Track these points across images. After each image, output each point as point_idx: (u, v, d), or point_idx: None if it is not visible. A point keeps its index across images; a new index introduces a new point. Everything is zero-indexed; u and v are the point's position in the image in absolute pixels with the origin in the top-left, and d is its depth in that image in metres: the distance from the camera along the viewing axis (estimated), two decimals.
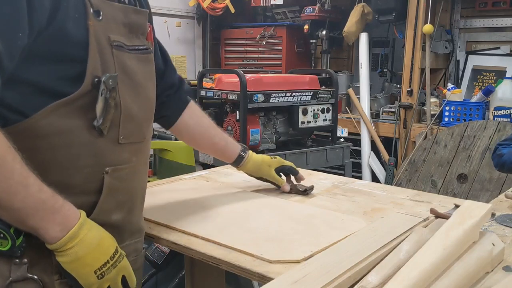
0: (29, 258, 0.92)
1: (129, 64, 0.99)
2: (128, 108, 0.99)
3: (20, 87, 0.86)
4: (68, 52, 0.90)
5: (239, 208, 1.42)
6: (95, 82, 0.92)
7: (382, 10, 4.04)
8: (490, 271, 0.99)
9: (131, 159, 1.04)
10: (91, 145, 0.94)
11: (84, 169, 0.95)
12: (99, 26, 0.92)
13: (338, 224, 1.27)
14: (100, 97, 0.92)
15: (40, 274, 0.93)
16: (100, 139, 0.95)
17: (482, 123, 3.39)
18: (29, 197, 0.84)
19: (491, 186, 3.27)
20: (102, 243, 0.92)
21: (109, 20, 0.95)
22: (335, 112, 3.23)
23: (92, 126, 0.93)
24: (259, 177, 1.56)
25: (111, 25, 0.96)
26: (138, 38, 1.05)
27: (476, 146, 3.38)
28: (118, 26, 0.98)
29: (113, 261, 0.93)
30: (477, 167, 3.35)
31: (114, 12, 0.96)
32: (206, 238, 1.18)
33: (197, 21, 5.17)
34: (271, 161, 1.56)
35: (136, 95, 1.02)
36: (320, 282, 0.89)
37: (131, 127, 1.02)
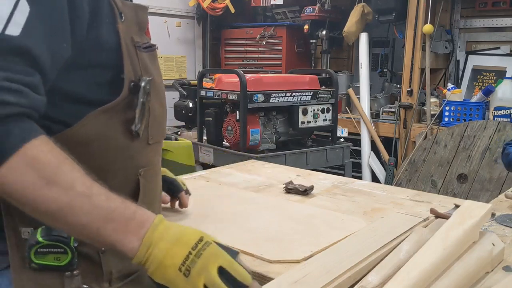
0: (80, 269, 0.87)
1: (148, 63, 0.98)
2: (154, 109, 0.98)
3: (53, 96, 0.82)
4: (101, 59, 0.87)
5: (239, 208, 1.42)
6: (131, 86, 0.89)
7: (382, 10, 4.04)
8: (490, 271, 0.99)
9: (155, 159, 1.02)
10: (126, 148, 0.92)
11: (120, 173, 0.92)
12: (124, 29, 0.90)
13: (338, 224, 1.28)
14: (139, 101, 0.89)
15: (92, 284, 0.89)
16: (134, 142, 0.93)
17: (482, 123, 3.39)
18: (96, 209, 0.76)
19: (491, 186, 3.27)
20: (181, 238, 0.79)
21: (129, 21, 0.93)
22: (335, 112, 3.23)
23: (127, 130, 0.90)
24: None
25: (131, 26, 0.94)
26: (143, 34, 1.02)
27: (476, 146, 3.38)
28: (134, 26, 0.96)
29: (196, 250, 0.78)
30: (477, 167, 3.35)
31: (130, 12, 0.95)
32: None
33: (197, 21, 5.17)
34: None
35: (156, 94, 1.00)
36: (320, 282, 0.89)
37: (156, 126, 1.00)
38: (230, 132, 2.95)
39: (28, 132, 0.73)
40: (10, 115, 0.71)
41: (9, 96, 0.71)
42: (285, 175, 1.77)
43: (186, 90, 3.80)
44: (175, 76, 4.95)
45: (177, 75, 5.03)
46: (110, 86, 0.89)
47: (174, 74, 5.01)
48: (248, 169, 1.92)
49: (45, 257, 0.84)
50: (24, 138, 0.72)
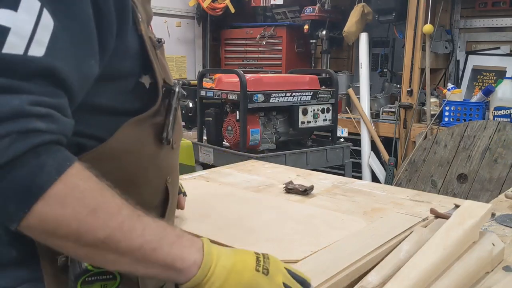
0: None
1: (163, 61, 0.91)
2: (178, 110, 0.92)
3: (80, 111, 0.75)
4: (126, 66, 0.80)
5: (239, 208, 1.42)
6: (163, 92, 0.83)
7: (382, 10, 4.04)
8: (490, 271, 0.99)
9: (177, 164, 0.98)
10: (156, 155, 0.86)
11: (152, 182, 0.88)
12: (143, 30, 0.82)
13: (338, 224, 1.27)
14: (172, 108, 0.84)
15: None
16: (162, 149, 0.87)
17: (482, 123, 3.39)
18: (148, 228, 0.70)
19: (491, 186, 3.27)
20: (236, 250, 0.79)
21: (143, 19, 0.85)
22: (335, 112, 3.23)
23: (158, 138, 0.84)
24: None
25: (145, 25, 0.86)
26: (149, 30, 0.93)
27: (476, 146, 3.38)
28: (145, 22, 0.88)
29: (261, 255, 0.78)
30: (477, 167, 3.35)
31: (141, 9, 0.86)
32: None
33: (197, 21, 5.18)
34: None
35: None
36: (317, 280, 0.89)
37: (178, 129, 0.94)
38: (230, 132, 2.95)
39: (63, 162, 0.66)
40: (42, 144, 0.64)
41: (40, 122, 0.64)
42: (285, 175, 1.77)
43: (186, 90, 3.78)
44: (175, 76, 4.95)
45: (177, 75, 5.03)
46: (133, 93, 0.82)
47: (174, 74, 5.01)
48: (248, 169, 1.92)
49: (91, 286, 0.78)
50: (59, 169, 0.65)
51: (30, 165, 0.63)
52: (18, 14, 0.64)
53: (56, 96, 0.67)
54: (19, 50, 0.63)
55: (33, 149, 0.63)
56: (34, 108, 0.63)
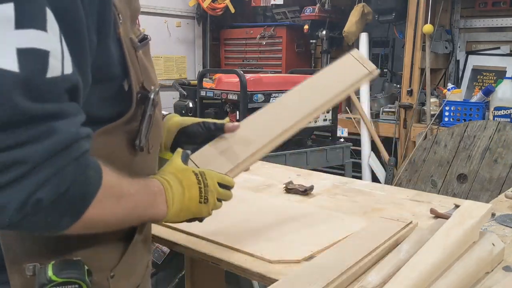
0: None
1: (145, 62, 0.90)
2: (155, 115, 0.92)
3: None
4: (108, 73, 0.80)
5: (239, 208, 1.42)
6: (138, 98, 0.84)
7: (382, 10, 4.04)
8: (490, 271, 0.99)
9: (155, 166, 1.01)
10: (131, 161, 0.89)
11: None
12: (123, 31, 0.81)
13: (338, 224, 1.28)
14: (146, 115, 0.86)
15: None
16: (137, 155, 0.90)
17: (482, 123, 3.39)
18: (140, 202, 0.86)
19: (491, 186, 3.27)
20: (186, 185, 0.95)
21: (125, 19, 0.83)
22: (335, 112, 3.23)
23: (131, 145, 0.87)
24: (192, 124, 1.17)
25: (126, 23, 0.84)
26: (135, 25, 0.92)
27: (476, 146, 3.38)
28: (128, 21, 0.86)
29: (202, 184, 0.96)
30: (477, 167, 3.35)
31: (124, 7, 0.84)
32: (206, 238, 1.18)
33: (197, 21, 5.17)
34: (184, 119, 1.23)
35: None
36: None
37: (156, 134, 0.96)
38: None
39: (98, 167, 0.75)
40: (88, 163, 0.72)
41: (86, 143, 0.71)
42: (285, 175, 1.77)
43: (186, 90, 3.79)
44: (175, 76, 4.95)
45: (177, 75, 5.03)
46: (116, 99, 0.83)
47: (174, 74, 5.01)
48: (248, 169, 1.92)
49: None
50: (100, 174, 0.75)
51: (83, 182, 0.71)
52: (48, 35, 0.65)
53: (81, 111, 0.72)
54: (58, 71, 0.66)
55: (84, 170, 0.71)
56: (82, 130, 0.70)
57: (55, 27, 0.66)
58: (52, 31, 0.66)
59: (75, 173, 0.68)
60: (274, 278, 0.97)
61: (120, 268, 0.89)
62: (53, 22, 0.66)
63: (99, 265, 0.85)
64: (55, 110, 0.66)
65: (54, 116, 0.66)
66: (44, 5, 0.65)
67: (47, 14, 0.65)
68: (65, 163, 0.67)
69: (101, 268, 0.86)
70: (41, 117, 0.64)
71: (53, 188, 0.66)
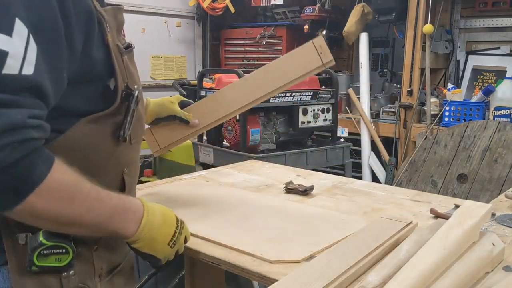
0: (76, 269, 0.95)
1: (130, 66, 1.03)
2: (138, 111, 1.04)
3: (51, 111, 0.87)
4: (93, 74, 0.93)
5: (239, 208, 1.42)
6: (123, 95, 0.97)
7: (382, 10, 4.04)
8: (490, 271, 0.99)
9: (136, 157, 1.12)
10: (114, 150, 1.00)
11: (110, 173, 1.02)
12: (110, 38, 0.95)
13: (338, 224, 1.28)
14: (130, 110, 0.99)
15: (86, 281, 0.98)
16: (120, 145, 1.01)
17: (482, 123, 3.39)
18: (105, 209, 0.92)
19: (491, 186, 3.27)
20: (166, 220, 1.03)
21: (111, 28, 0.98)
22: (335, 112, 3.23)
23: (115, 135, 0.98)
24: (167, 116, 1.45)
25: (113, 32, 0.99)
26: (120, 35, 1.07)
27: (476, 146, 3.38)
28: (115, 30, 1.02)
29: (179, 229, 1.05)
30: (477, 167, 3.35)
31: (110, 18, 1.00)
32: (206, 238, 1.18)
33: (197, 21, 5.17)
34: (171, 98, 1.49)
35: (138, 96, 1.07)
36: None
37: (138, 127, 1.08)
38: (230, 132, 2.95)
39: (48, 160, 0.83)
40: (34, 149, 0.80)
41: (34, 132, 0.80)
42: (285, 175, 1.77)
43: (186, 90, 3.79)
44: (175, 76, 4.95)
45: (177, 75, 5.03)
46: (103, 97, 0.96)
47: (174, 74, 5.01)
48: (248, 169, 1.92)
49: (47, 259, 0.90)
50: (48, 167, 0.82)
51: (26, 166, 0.79)
52: (13, 39, 0.77)
53: (41, 108, 0.82)
54: (15, 70, 0.78)
55: (29, 153, 0.79)
56: (30, 120, 0.79)
57: (23, 33, 0.79)
58: (18, 36, 0.78)
59: (16, 153, 0.77)
60: (274, 278, 0.97)
61: (103, 243, 1.01)
62: (21, 30, 0.78)
63: (85, 239, 0.96)
64: (6, 100, 0.77)
65: (4, 104, 0.76)
66: (15, 16, 0.78)
67: (16, 23, 0.78)
68: (5, 142, 0.76)
69: (86, 241, 0.97)
70: None
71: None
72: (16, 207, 0.81)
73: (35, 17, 0.80)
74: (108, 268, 1.04)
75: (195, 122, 1.45)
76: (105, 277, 1.03)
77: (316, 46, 1.30)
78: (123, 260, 1.10)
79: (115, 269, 1.07)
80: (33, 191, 0.81)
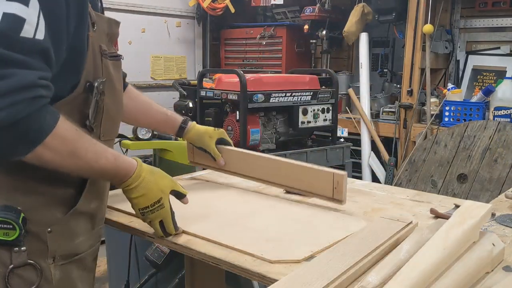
0: (27, 246, 1.05)
1: (110, 70, 1.16)
2: (109, 109, 1.16)
3: None
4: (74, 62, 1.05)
5: (239, 208, 1.42)
6: (87, 86, 1.08)
7: (382, 10, 4.03)
8: (490, 271, 0.99)
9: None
10: None
11: None
12: (94, 37, 1.09)
13: (338, 224, 1.28)
14: (93, 99, 1.09)
15: (38, 260, 1.07)
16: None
17: (482, 123, 3.39)
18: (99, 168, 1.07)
19: (491, 186, 3.27)
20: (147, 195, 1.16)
21: (100, 31, 1.12)
22: (335, 112, 3.23)
23: (82, 124, 1.09)
24: (200, 147, 1.62)
25: (101, 36, 1.13)
26: (112, 45, 1.21)
27: (476, 146, 3.38)
28: (104, 36, 1.15)
29: (153, 208, 1.17)
30: (477, 167, 3.35)
31: (103, 24, 1.14)
32: (206, 238, 1.18)
33: (197, 21, 5.17)
34: (213, 132, 1.61)
35: (114, 97, 1.19)
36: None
37: (109, 125, 1.19)
38: (230, 132, 2.95)
39: (55, 115, 0.98)
40: (44, 105, 0.94)
41: (43, 91, 0.94)
42: None
43: (186, 90, 3.79)
44: (175, 76, 4.95)
45: (177, 75, 5.03)
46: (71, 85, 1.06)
47: (174, 74, 5.01)
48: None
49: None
50: (55, 120, 0.97)
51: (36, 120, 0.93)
52: (29, 9, 0.91)
53: (48, 71, 0.96)
54: (30, 34, 0.91)
55: (39, 109, 0.93)
56: (40, 81, 0.93)
57: (36, 6, 0.92)
58: (33, 8, 0.92)
59: (29, 108, 0.91)
60: (274, 278, 0.97)
61: (58, 228, 1.09)
62: (35, 3, 0.92)
63: (38, 219, 1.06)
64: (20, 60, 0.90)
65: (18, 64, 0.90)
66: None
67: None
68: (20, 99, 0.89)
69: (40, 222, 1.06)
70: (8, 61, 0.89)
71: (9, 115, 0.88)
72: (26, 156, 0.95)
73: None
74: (63, 253, 1.11)
75: (221, 162, 1.60)
76: (60, 261, 1.10)
77: (334, 181, 1.37)
78: (85, 251, 1.18)
79: (73, 256, 1.14)
80: (41, 142, 0.95)
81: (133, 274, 2.23)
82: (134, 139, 2.73)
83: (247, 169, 1.57)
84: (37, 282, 1.06)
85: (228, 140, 1.64)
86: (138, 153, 3.15)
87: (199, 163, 1.68)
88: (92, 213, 1.19)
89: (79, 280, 1.16)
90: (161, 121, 1.60)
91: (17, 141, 0.93)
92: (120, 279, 2.34)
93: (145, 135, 2.74)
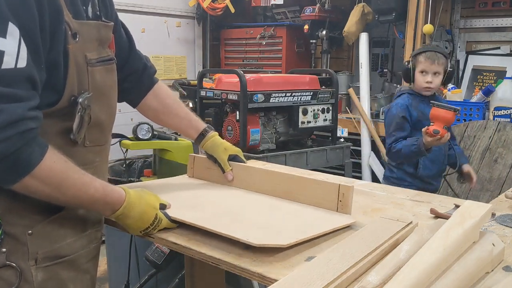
0: (7, 247, 1.06)
1: (98, 77, 1.14)
2: (96, 117, 1.16)
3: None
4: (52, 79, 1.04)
5: (233, 201, 1.44)
6: (71, 100, 1.08)
7: (382, 10, 4.04)
8: (490, 271, 0.99)
9: (95, 159, 1.21)
10: (62, 148, 1.07)
11: None
12: (76, 48, 1.07)
13: (326, 217, 1.29)
14: (77, 115, 1.09)
15: (18, 261, 1.07)
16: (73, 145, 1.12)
17: (482, 123, 3.39)
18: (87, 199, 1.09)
19: (491, 186, 3.27)
20: (142, 217, 1.17)
21: (85, 40, 1.10)
22: (335, 112, 3.23)
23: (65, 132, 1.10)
24: (211, 155, 1.58)
25: (86, 44, 1.11)
26: (105, 49, 1.19)
27: (476, 146, 3.37)
28: (92, 43, 1.13)
29: (153, 225, 1.19)
30: (477, 167, 3.35)
31: (89, 31, 1.12)
32: (193, 224, 1.19)
33: (197, 21, 5.17)
34: (229, 146, 1.59)
35: (102, 104, 1.18)
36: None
37: (96, 132, 1.19)
38: (230, 132, 2.95)
39: (43, 147, 0.99)
40: (32, 138, 0.96)
41: (32, 123, 0.96)
42: None
43: (186, 90, 3.79)
44: (175, 76, 4.95)
45: (177, 75, 5.03)
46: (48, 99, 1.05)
47: (174, 74, 5.01)
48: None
49: None
50: (43, 152, 0.99)
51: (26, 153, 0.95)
52: (7, 40, 0.92)
53: (36, 98, 0.98)
54: (11, 65, 0.92)
55: (28, 142, 0.95)
56: (29, 113, 0.95)
57: (16, 34, 0.93)
58: (11, 36, 0.93)
59: (19, 143, 0.93)
60: (274, 278, 0.97)
61: (40, 231, 1.09)
62: (14, 31, 0.93)
63: (17, 221, 1.07)
64: (6, 93, 0.91)
65: (4, 98, 0.91)
66: (8, 20, 0.92)
67: (9, 26, 0.92)
68: (10, 134, 0.92)
69: (19, 223, 1.07)
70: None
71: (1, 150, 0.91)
72: (14, 185, 0.98)
73: (21, 19, 0.94)
74: (45, 255, 1.10)
75: (228, 176, 1.56)
76: (43, 263, 1.10)
77: (340, 193, 1.33)
78: (75, 252, 1.17)
79: (59, 258, 1.13)
80: (29, 173, 0.97)
81: (133, 274, 2.23)
82: (134, 139, 2.73)
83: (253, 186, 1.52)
84: (16, 283, 1.06)
85: (243, 159, 1.61)
86: (138, 153, 3.15)
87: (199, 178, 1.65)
88: (82, 218, 1.19)
89: (70, 281, 1.16)
90: (183, 126, 1.58)
91: (5, 173, 0.95)
92: (120, 279, 2.34)
93: (145, 135, 2.74)
